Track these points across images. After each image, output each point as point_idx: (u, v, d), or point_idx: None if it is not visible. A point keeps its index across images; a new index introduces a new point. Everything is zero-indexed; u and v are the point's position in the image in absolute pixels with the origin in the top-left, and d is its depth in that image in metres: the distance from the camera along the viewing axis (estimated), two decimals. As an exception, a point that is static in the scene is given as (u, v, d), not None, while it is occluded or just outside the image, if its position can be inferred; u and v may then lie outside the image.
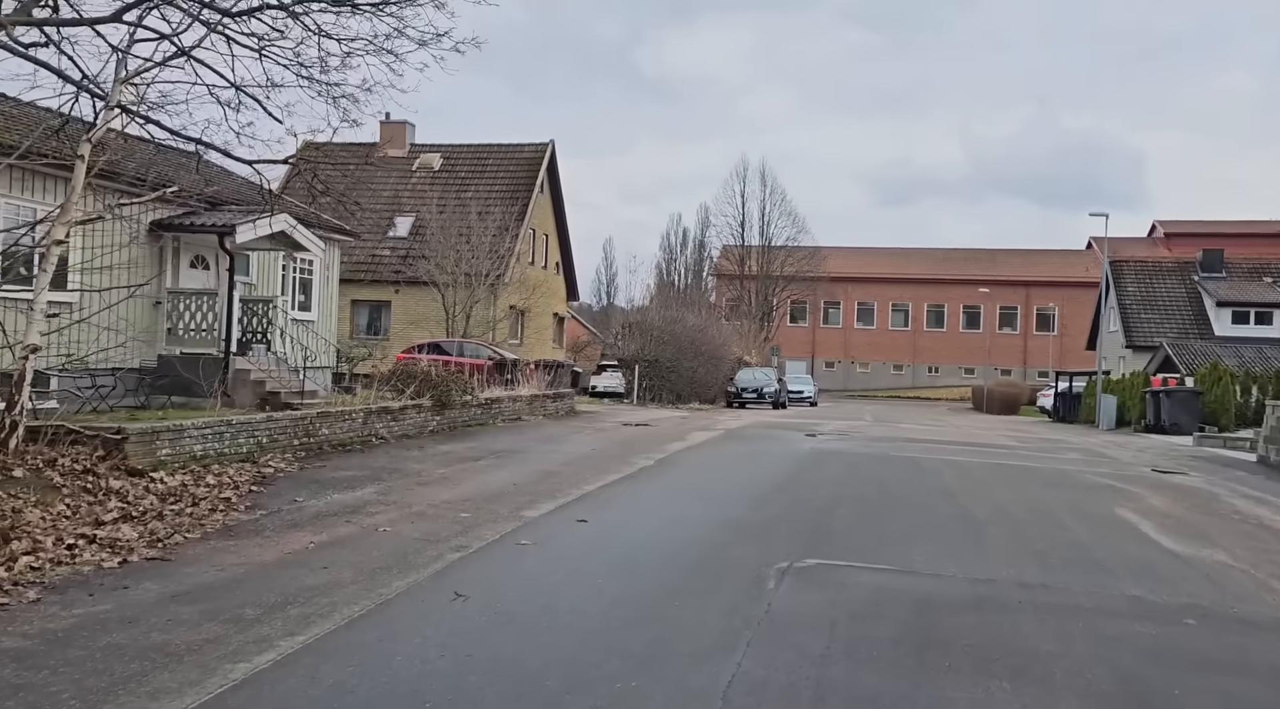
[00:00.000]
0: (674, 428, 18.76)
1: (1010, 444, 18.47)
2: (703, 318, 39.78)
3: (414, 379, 14.75)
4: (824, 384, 73.82)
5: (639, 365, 28.42)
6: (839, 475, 11.93)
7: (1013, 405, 47.77)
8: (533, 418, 18.69)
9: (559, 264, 39.37)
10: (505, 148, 36.81)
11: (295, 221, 18.04)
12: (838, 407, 44.48)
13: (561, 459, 12.28)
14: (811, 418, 26.47)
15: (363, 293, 33.06)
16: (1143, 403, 25.39)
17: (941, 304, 73.39)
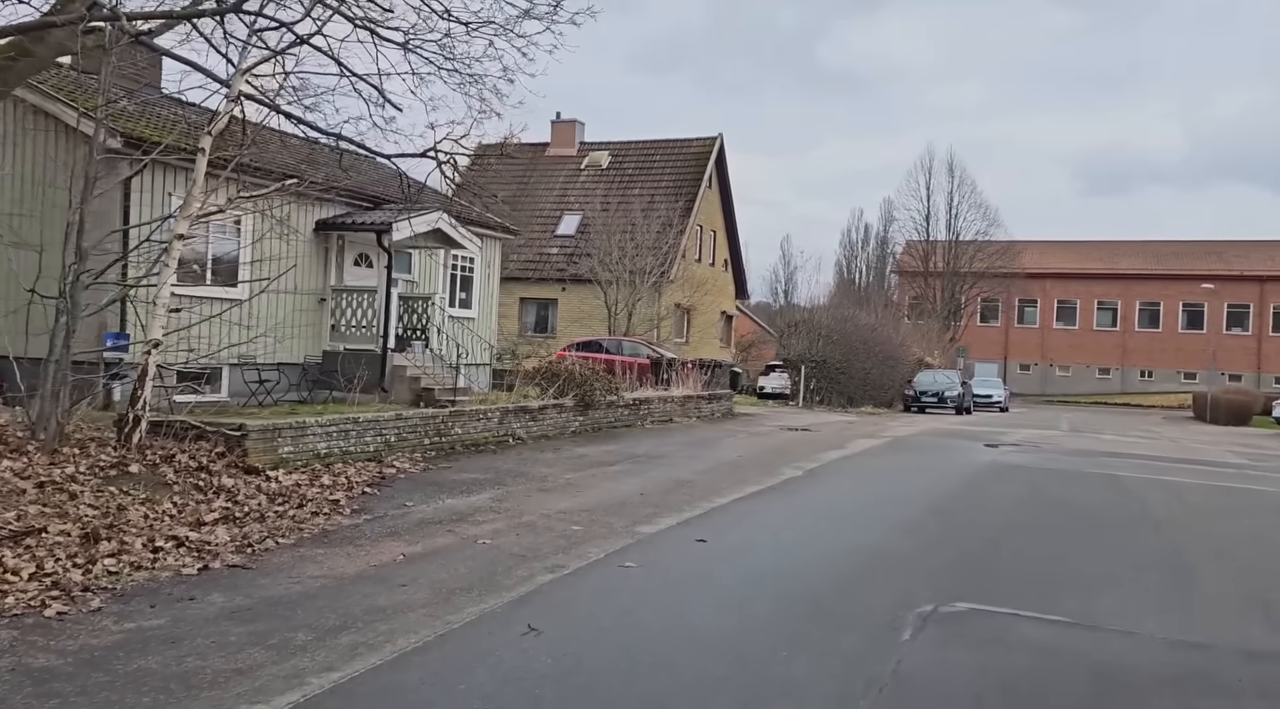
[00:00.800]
0: (835, 434, 17.55)
1: (1237, 462, 16.03)
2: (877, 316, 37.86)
3: (558, 378, 14.40)
4: (1017, 388, 69.04)
5: (805, 366, 27.15)
6: (1016, 495, 10.49)
7: (1243, 416, 42.61)
8: (684, 420, 18.01)
9: (727, 261, 38.56)
10: (672, 143, 36.39)
11: (452, 219, 18.19)
12: (1031, 413, 41.20)
13: (702, 466, 11.50)
14: (997, 425, 24.34)
15: (531, 290, 33.57)
16: None
17: (1157, 302, 66.93)
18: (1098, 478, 12.37)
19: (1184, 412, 54.12)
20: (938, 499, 10.09)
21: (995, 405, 41.95)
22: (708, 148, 35.55)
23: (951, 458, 14.42)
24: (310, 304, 16.97)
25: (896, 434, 18.51)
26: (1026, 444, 17.75)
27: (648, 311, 30.81)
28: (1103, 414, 47.57)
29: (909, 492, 10.52)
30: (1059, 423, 29.57)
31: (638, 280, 28.81)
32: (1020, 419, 31.65)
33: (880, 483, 11.23)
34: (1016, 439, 18.90)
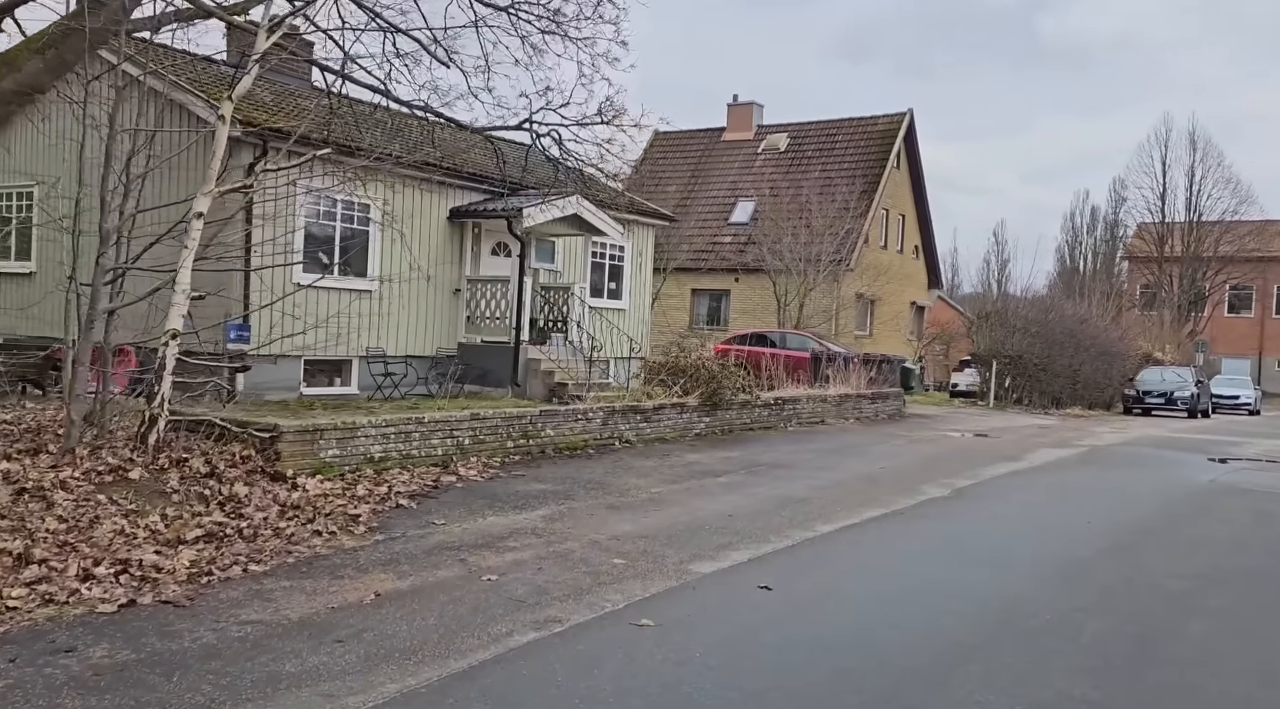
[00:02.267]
0: (1016, 442, 15.01)
1: None
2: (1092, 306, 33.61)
3: (683, 373, 12.97)
4: (1276, 387, 60.28)
5: (997, 362, 24.10)
6: (1233, 534, 7.99)
7: None
8: (839, 422, 16.05)
9: (918, 247, 35.53)
10: (856, 122, 33.85)
11: (591, 205, 17.15)
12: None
13: (827, 480, 9.71)
14: (1236, 433, 20.48)
15: (702, 281, 32.24)
16: None
17: None
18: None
19: None
20: (1121, 532, 7.81)
21: (1243, 408, 36.38)
22: (895, 125, 32.76)
23: (1159, 476, 11.71)
24: (444, 295, 16.46)
25: (1097, 443, 15.64)
26: (1266, 456, 14.44)
27: (823, 302, 28.69)
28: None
29: (1080, 521, 8.27)
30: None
31: (809, 269, 26.75)
32: (1271, 426, 26.85)
33: (1046, 509, 8.97)
34: (1255, 452, 15.48)
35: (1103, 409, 29.57)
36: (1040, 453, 13.45)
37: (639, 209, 21.12)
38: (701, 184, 35.01)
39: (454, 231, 16.66)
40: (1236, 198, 55.38)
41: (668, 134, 38.45)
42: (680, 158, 36.60)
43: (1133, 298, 58.11)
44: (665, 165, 36.78)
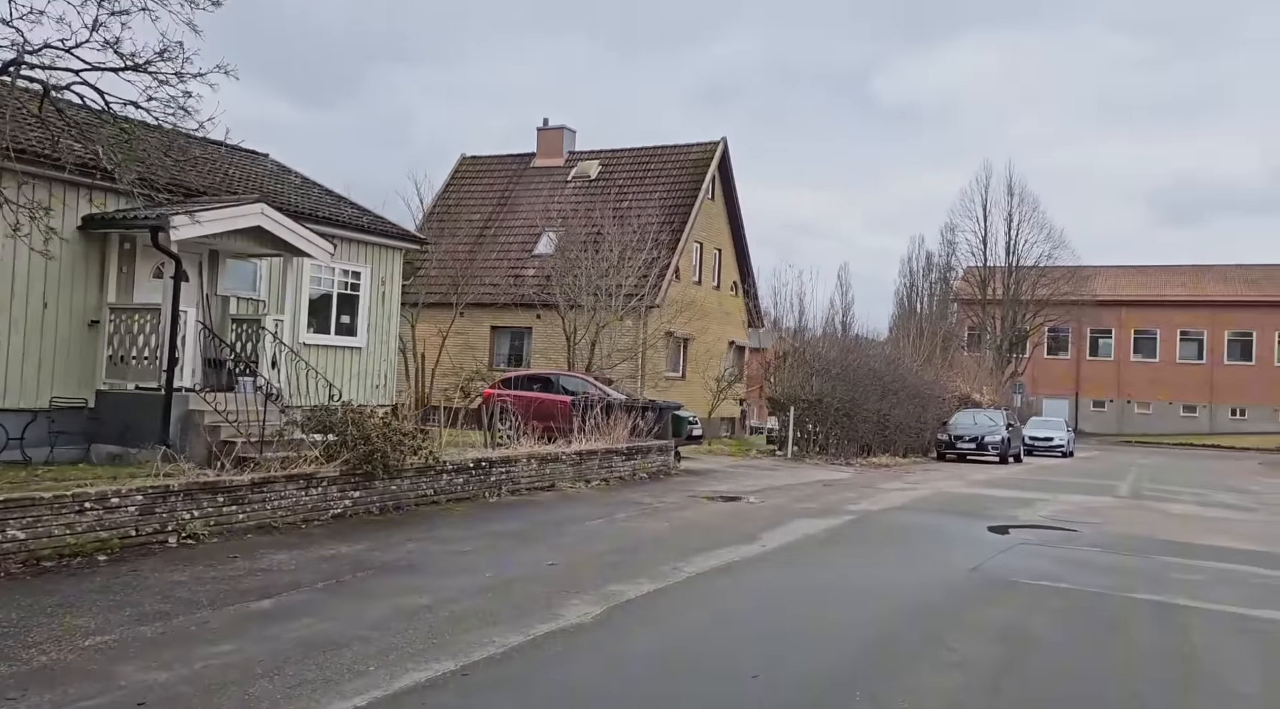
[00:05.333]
0: (780, 508, 12.31)
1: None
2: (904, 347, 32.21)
3: (330, 428, 9.64)
4: (1091, 427, 61.75)
5: (795, 407, 21.79)
6: (969, 681, 5.22)
7: (1357, 464, 35.38)
8: (576, 486, 13.03)
9: (737, 284, 33.44)
10: (669, 150, 31.60)
11: (281, 215, 13.67)
12: (1100, 459, 34.77)
13: (439, 595, 6.52)
14: (1036, 487, 18.65)
15: (503, 318, 29.02)
16: None
17: (1249, 332, 59.32)
18: (1147, 617, 6.97)
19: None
20: (816, 677, 4.94)
21: (1056, 450, 35.77)
22: (708, 154, 30.66)
23: (911, 564, 9.09)
24: (73, 327, 12.62)
25: (873, 507, 13.13)
26: (1057, 524, 12.23)
27: (628, 341, 25.94)
28: (1187, 459, 40.60)
29: (746, 674, 5.34)
30: (1124, 477, 23.53)
31: (602, 304, 23.94)
32: (1078, 471, 25.61)
33: (714, 644, 6.01)
34: (1047, 513, 13.33)
35: (919, 455, 27.92)
36: (793, 526, 10.72)
37: (381, 229, 17.76)
38: (508, 213, 31.96)
39: (91, 245, 12.86)
40: (1051, 243, 56.61)
41: (475, 158, 35.34)
42: (487, 184, 33.47)
43: (961, 339, 58.48)
44: (471, 191, 33.57)
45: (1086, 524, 12.31)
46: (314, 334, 16.32)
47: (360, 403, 16.22)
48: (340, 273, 16.98)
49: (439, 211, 32.40)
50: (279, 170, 18.28)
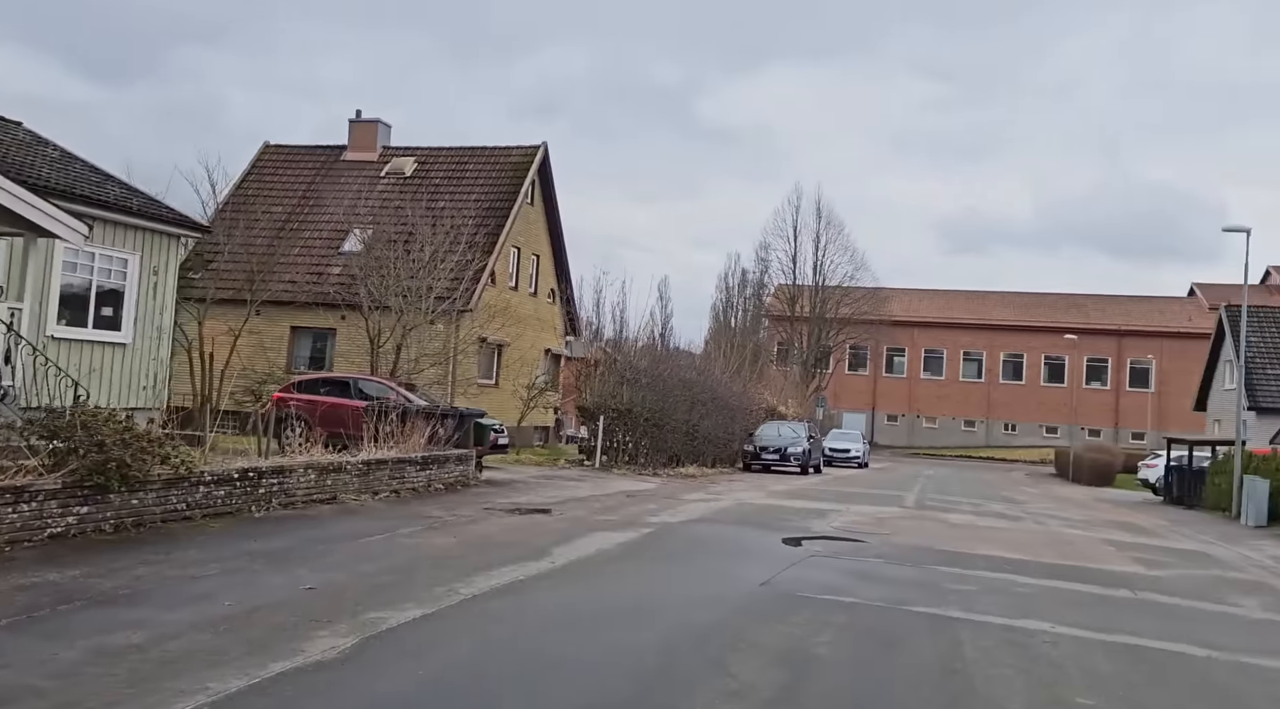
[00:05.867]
0: (579, 520, 11.83)
1: (1130, 572, 10.98)
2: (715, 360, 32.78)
3: (55, 435, 8.27)
4: (885, 440, 65.53)
5: (604, 417, 21.50)
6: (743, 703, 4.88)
7: (1107, 475, 39.24)
8: (361, 498, 12.02)
9: (555, 292, 32.92)
10: (489, 151, 30.72)
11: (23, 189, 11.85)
12: (891, 471, 36.72)
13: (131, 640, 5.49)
14: (831, 498, 19.19)
15: (303, 318, 27.09)
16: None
17: (1021, 354, 64.80)
18: (924, 630, 6.92)
19: (1046, 467, 51.00)
20: None
21: (853, 461, 37.47)
22: (529, 158, 29.99)
23: (709, 577, 8.83)
24: None
25: (673, 519, 12.90)
26: (847, 535, 12.42)
27: (435, 345, 24.79)
28: (967, 469, 43.67)
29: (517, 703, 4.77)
30: (912, 488, 24.76)
31: (411, 306, 22.75)
32: (871, 482, 26.78)
33: (494, 669, 5.41)
34: (839, 525, 13.57)
35: (726, 465, 28.34)
36: (589, 540, 10.24)
37: (154, 213, 15.94)
38: (314, 207, 29.96)
39: None
40: (854, 265, 59.72)
41: (280, 148, 33.02)
42: (292, 175, 31.31)
43: (771, 354, 60.56)
44: (274, 182, 31.28)
45: (874, 535, 12.56)
46: (66, 327, 14.39)
47: (127, 406, 14.49)
48: (103, 259, 15.09)
49: (236, 201, 29.92)
50: (33, 141, 16.10)
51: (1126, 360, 62.35)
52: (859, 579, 9.05)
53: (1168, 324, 61.17)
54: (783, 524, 13.10)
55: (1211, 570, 11.56)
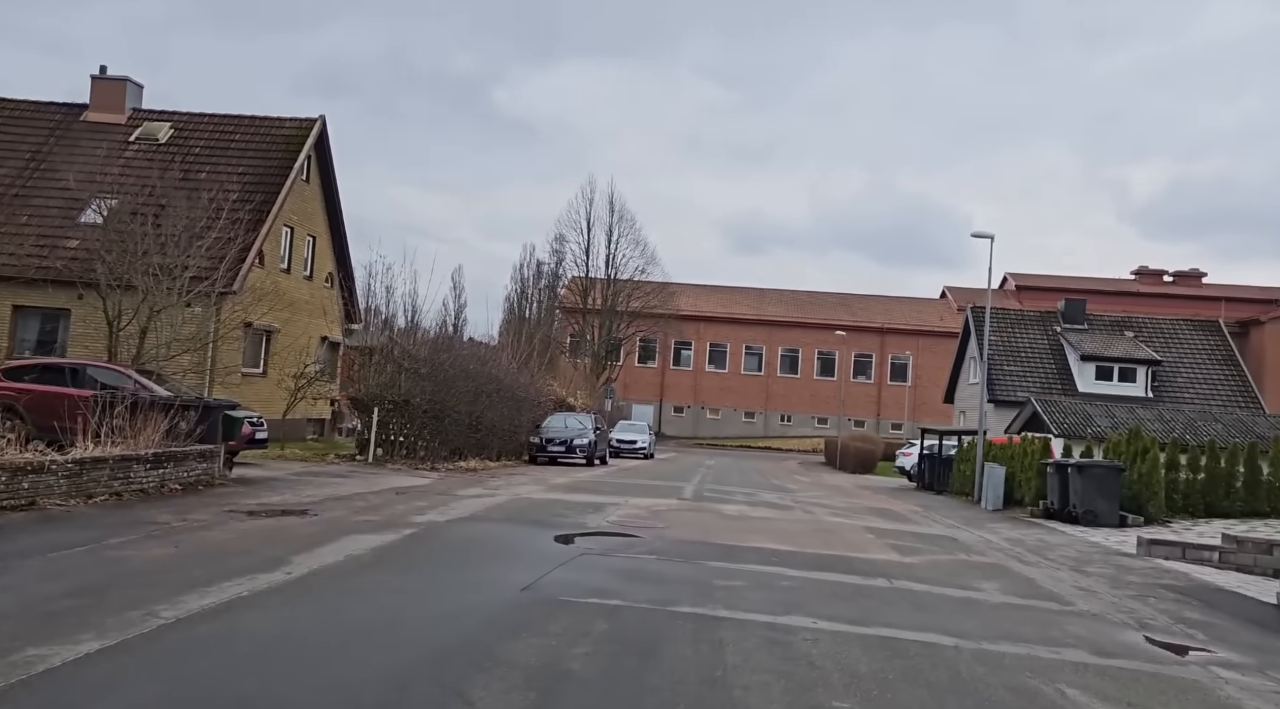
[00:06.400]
0: (329, 524, 10.71)
1: (886, 560, 11.30)
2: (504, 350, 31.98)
3: None
4: (673, 430, 67.08)
5: (379, 409, 20.17)
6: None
7: (868, 463, 41.91)
8: (71, 502, 10.29)
9: (333, 277, 30.78)
10: (259, 121, 28.14)
11: None
12: (675, 461, 37.36)
13: None
14: (615, 488, 18.95)
15: (31, 296, 23.66)
16: (1040, 478, 19.05)
17: (796, 349, 68.33)
18: (684, 642, 6.51)
19: (817, 456, 53.98)
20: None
21: (639, 452, 37.81)
22: (304, 131, 27.73)
23: (467, 584, 8.09)
24: None
25: (443, 517, 12.03)
26: (622, 530, 12.06)
27: (190, 329, 22.31)
28: (746, 458, 45.32)
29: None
30: (692, 478, 25.08)
31: (158, 286, 20.29)
32: (654, 473, 26.93)
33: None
34: (615, 519, 13.22)
35: (513, 458, 27.60)
36: (339, 545, 9.19)
37: None
38: (46, 171, 26.23)
39: None
40: (645, 259, 60.58)
41: (3, 102, 28.74)
42: (18, 135, 27.21)
43: (563, 346, 60.31)
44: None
45: (649, 529, 12.28)
46: None
47: None
48: None
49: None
50: None
51: (888, 356, 67.25)
52: (627, 579, 8.63)
53: (923, 323, 66.52)
54: (558, 520, 12.56)
55: (957, 555, 12.14)
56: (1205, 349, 42.40)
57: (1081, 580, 10.53)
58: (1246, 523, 16.55)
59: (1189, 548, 13.03)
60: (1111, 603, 9.12)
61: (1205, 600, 9.62)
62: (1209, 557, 12.66)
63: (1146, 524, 16.57)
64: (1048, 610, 8.52)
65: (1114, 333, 42.84)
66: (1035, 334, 42.95)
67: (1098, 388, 39.42)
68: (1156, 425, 24.36)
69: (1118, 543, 14.35)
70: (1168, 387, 40.34)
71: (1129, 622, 8.21)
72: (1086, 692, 5.78)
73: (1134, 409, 30.25)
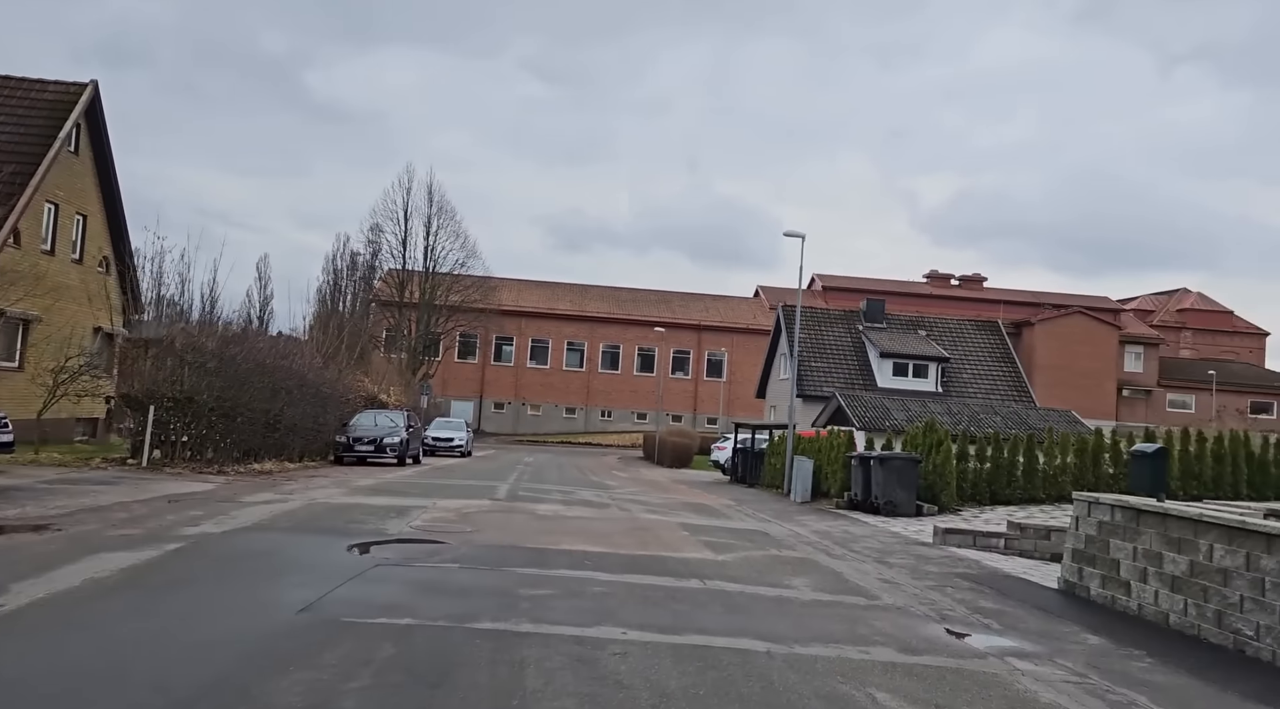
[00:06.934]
0: (73, 541, 9.18)
1: (704, 559, 11.03)
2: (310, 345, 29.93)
3: None
4: (494, 427, 65.67)
5: (155, 407, 18.11)
6: None
7: (685, 458, 42.50)
8: None
9: (109, 261, 27.64)
10: (14, 82, 24.80)
11: None
12: (493, 459, 36.34)
13: None
14: (426, 489, 17.91)
15: None
16: (846, 470, 19.66)
17: (617, 345, 68.62)
18: (481, 666, 5.85)
19: (636, 451, 54.35)
20: None
21: (456, 450, 36.51)
22: (71, 97, 24.66)
23: (233, 608, 7.02)
24: None
25: (220, 527, 10.70)
26: (427, 535, 11.19)
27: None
28: (566, 455, 44.87)
29: None
30: (509, 477, 24.29)
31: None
32: (469, 471, 25.91)
33: None
34: (420, 523, 12.30)
35: (318, 458, 25.79)
36: (80, 566, 7.81)
37: None
38: None
39: None
40: (465, 252, 58.91)
41: None
42: None
43: (379, 340, 57.67)
44: None
45: (457, 534, 11.47)
46: None
47: None
48: None
49: None
50: None
51: (705, 352, 68.78)
52: (425, 592, 7.83)
53: (738, 320, 68.50)
54: (355, 527, 11.50)
55: (769, 550, 12.10)
56: (986, 347, 45.96)
57: (885, 572, 10.68)
58: (1025, 509, 17.70)
59: (979, 536, 13.65)
60: (914, 595, 9.22)
61: (996, 588, 9.95)
62: (996, 543, 13.30)
63: (940, 512, 17.39)
64: (855, 606, 8.47)
65: (909, 332, 45.64)
66: (840, 332, 45.08)
67: (895, 383, 41.84)
68: (945, 418, 25.93)
69: (916, 532, 14.89)
70: (955, 382, 43.38)
71: (931, 614, 8.26)
72: (896, 695, 5.59)
73: (926, 403, 32.19)
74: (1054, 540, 12.68)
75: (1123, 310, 66.30)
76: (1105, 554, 8.88)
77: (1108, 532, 8.85)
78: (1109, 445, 19.25)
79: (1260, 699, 5.90)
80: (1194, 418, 50.83)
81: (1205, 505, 8.46)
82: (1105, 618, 8.35)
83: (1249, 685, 6.17)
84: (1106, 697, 5.84)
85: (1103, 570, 8.97)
